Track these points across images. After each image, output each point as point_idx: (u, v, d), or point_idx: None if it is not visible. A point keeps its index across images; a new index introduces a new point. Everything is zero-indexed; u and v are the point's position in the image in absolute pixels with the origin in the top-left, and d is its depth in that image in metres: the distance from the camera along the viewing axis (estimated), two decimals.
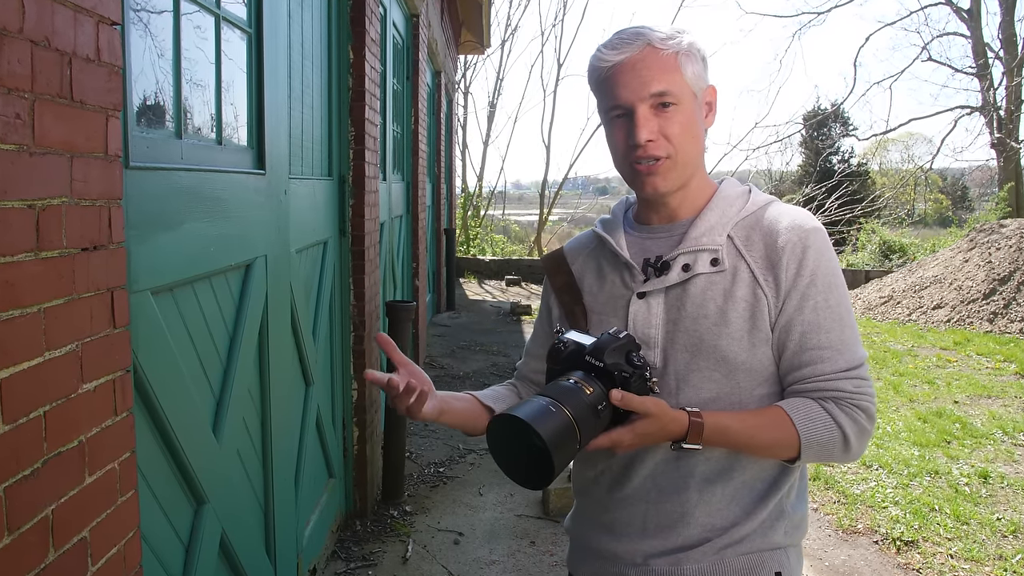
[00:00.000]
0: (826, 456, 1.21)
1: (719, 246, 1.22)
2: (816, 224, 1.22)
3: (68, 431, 1.21)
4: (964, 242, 10.44)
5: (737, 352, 1.19)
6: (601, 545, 1.30)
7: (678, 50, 1.20)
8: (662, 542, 1.24)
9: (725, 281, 1.21)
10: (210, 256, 1.95)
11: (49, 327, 1.16)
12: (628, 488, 1.26)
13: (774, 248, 1.20)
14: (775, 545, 1.24)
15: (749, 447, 1.19)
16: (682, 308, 1.22)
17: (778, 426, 1.17)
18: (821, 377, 1.18)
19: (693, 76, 1.21)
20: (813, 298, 1.18)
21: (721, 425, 1.15)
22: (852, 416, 1.18)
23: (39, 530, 1.14)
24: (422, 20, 6.55)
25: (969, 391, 6.23)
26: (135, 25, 1.60)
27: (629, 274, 1.28)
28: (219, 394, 2.06)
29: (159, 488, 1.70)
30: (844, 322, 1.20)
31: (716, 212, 1.25)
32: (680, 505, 1.23)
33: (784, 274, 1.18)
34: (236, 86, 2.24)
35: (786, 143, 26.28)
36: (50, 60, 1.15)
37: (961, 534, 3.63)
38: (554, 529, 3.64)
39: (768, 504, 1.24)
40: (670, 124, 1.19)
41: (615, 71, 1.20)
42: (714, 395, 1.20)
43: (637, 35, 1.20)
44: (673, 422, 1.13)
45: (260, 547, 2.36)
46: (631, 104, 1.19)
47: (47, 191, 1.15)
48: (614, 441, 1.11)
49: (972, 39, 20.03)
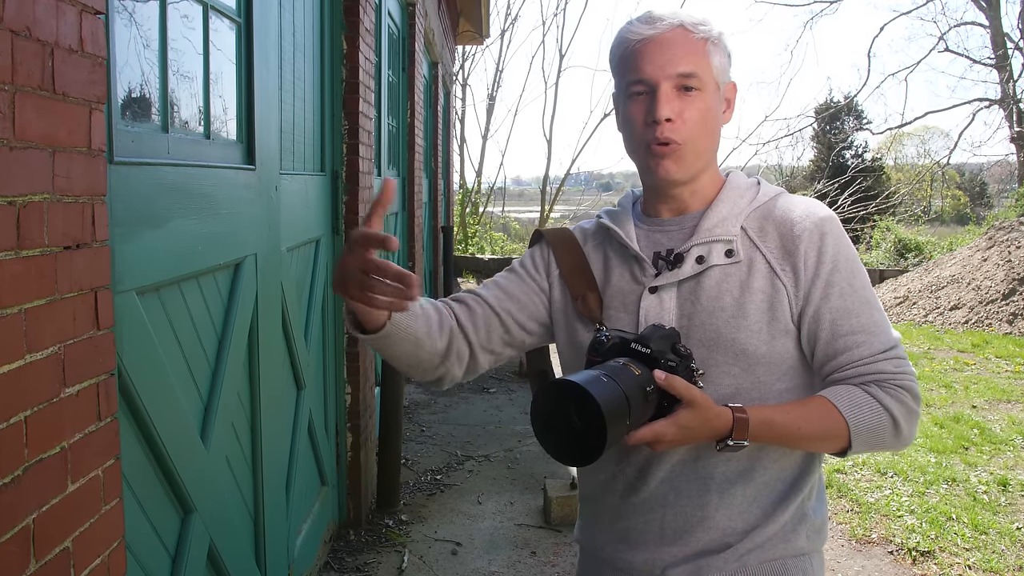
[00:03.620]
0: (878, 443, 1.19)
1: (734, 236, 1.22)
2: (830, 212, 1.24)
3: (50, 437, 1.21)
4: (982, 240, 10.44)
5: (757, 345, 1.19)
6: (616, 555, 1.29)
7: (708, 37, 1.22)
8: (681, 549, 1.23)
9: (741, 272, 1.21)
10: (198, 255, 1.95)
11: (30, 329, 1.16)
12: (644, 492, 1.25)
13: (790, 237, 1.21)
14: (798, 551, 1.24)
15: (796, 440, 1.18)
16: (696, 302, 1.22)
17: (824, 415, 1.16)
18: (860, 362, 1.18)
19: (719, 67, 1.23)
20: (838, 284, 1.19)
21: (766, 419, 1.14)
22: (898, 397, 1.17)
23: (20, 540, 1.14)
24: (418, 9, 6.55)
25: (988, 395, 6.23)
26: (119, 14, 1.60)
27: (639, 267, 1.27)
28: (207, 398, 2.06)
29: (145, 496, 1.70)
30: (872, 305, 1.21)
31: (727, 203, 1.26)
32: (700, 508, 1.22)
33: (803, 263, 1.19)
34: (225, 78, 2.24)
35: (797, 137, 26.28)
36: (31, 51, 1.15)
37: (979, 544, 3.63)
38: (556, 539, 3.64)
39: (790, 506, 1.23)
40: (691, 109, 1.20)
41: (643, 45, 1.20)
42: (733, 390, 1.20)
43: (671, 14, 1.22)
44: (717, 417, 1.12)
45: (250, 557, 2.36)
46: (656, 80, 1.19)
47: (28, 187, 1.15)
48: (656, 434, 1.09)
49: (991, 29, 20.05)
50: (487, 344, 1.33)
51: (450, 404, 5.90)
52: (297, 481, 2.93)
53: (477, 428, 5.31)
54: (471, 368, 1.33)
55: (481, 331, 1.32)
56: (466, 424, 5.41)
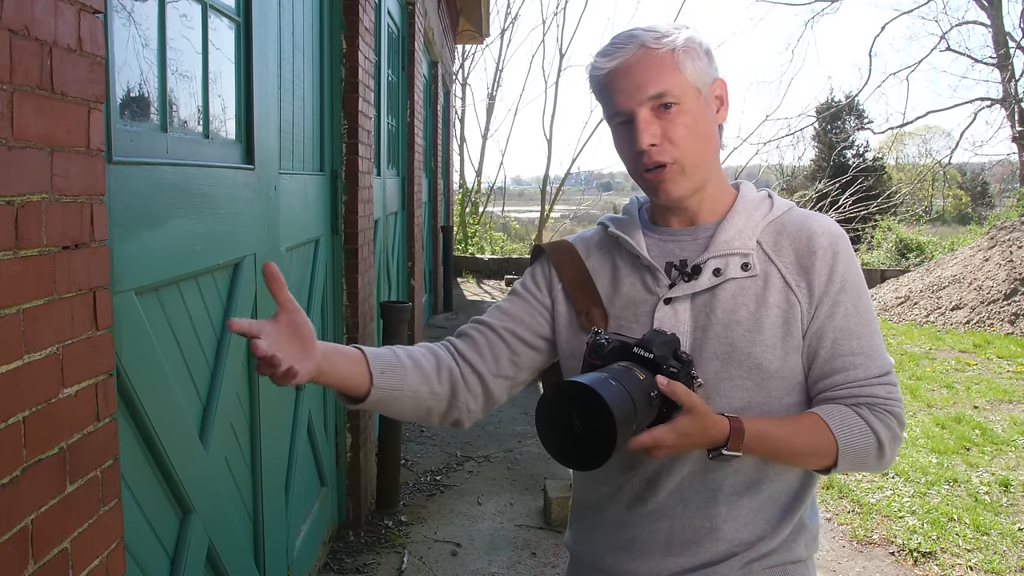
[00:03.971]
0: (860, 464, 1.22)
1: (751, 250, 1.22)
2: (842, 230, 1.26)
3: (49, 437, 1.21)
4: (984, 240, 10.44)
5: (771, 360, 1.19)
6: (617, 565, 1.29)
7: (674, 48, 1.20)
8: (688, 559, 1.23)
9: (757, 286, 1.21)
10: (197, 255, 1.95)
11: (29, 329, 1.16)
12: (652, 503, 1.25)
13: (806, 253, 1.21)
14: (798, 558, 1.26)
15: (787, 454, 1.19)
16: (711, 314, 1.21)
17: (815, 432, 1.18)
18: (854, 383, 1.20)
19: (695, 72, 1.21)
20: (844, 304, 1.20)
21: (761, 431, 1.15)
22: (886, 422, 1.20)
23: (18, 541, 1.14)
24: (418, 8, 6.55)
25: (989, 396, 6.23)
26: (118, 13, 1.60)
27: (652, 277, 1.26)
28: (206, 399, 2.07)
29: (143, 497, 1.70)
30: (873, 328, 1.22)
31: (743, 216, 1.26)
32: (708, 520, 1.23)
33: (817, 279, 1.20)
34: (224, 77, 2.24)
35: (798, 136, 26.22)
36: (30, 50, 1.15)
37: (981, 545, 3.63)
38: (556, 540, 3.64)
39: (792, 518, 1.25)
40: (673, 126, 1.19)
41: (611, 78, 1.20)
42: (745, 404, 1.20)
43: (629, 38, 1.20)
44: (715, 426, 1.12)
45: (249, 558, 2.36)
46: (630, 110, 1.19)
47: (26, 187, 1.15)
48: (656, 440, 1.09)
49: (992, 28, 20.05)
50: (497, 370, 1.32)
51: None
52: (296, 482, 2.93)
53: (477, 428, 5.31)
54: (488, 400, 1.33)
55: (488, 359, 1.32)
56: None
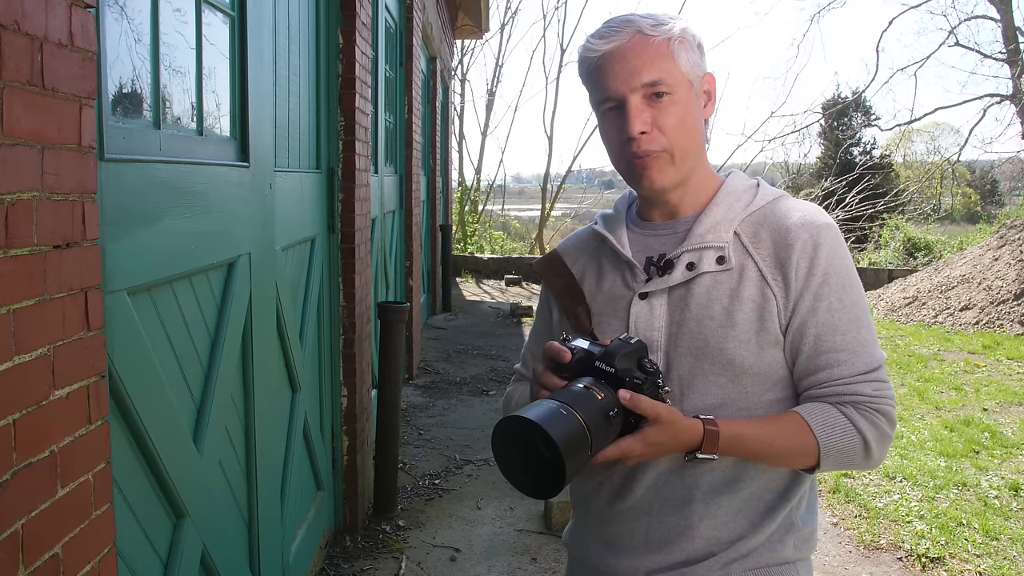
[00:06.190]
0: (847, 464, 1.22)
1: (725, 243, 1.22)
2: (828, 220, 1.23)
3: (39, 440, 1.21)
4: (994, 239, 10.43)
5: (744, 356, 1.19)
6: (600, 560, 1.31)
7: (670, 36, 1.20)
8: (665, 557, 1.24)
9: (731, 280, 1.21)
10: (190, 254, 1.95)
11: (19, 330, 1.16)
12: (629, 500, 1.27)
13: (783, 245, 1.20)
14: (784, 560, 1.25)
15: (766, 456, 1.19)
16: (686, 309, 1.22)
17: (796, 433, 1.18)
18: (838, 381, 1.19)
19: (688, 64, 1.21)
20: (827, 298, 1.19)
21: (737, 433, 1.16)
22: (872, 421, 1.19)
23: (8, 546, 1.14)
24: (416, 3, 6.55)
25: (999, 398, 6.23)
26: (110, 8, 1.60)
27: (631, 273, 1.28)
28: (200, 401, 2.07)
29: (136, 501, 1.70)
30: (860, 323, 1.20)
31: (722, 207, 1.26)
32: (684, 518, 1.23)
33: (794, 273, 1.19)
34: (218, 73, 2.24)
35: (804, 133, 26.22)
36: (20, 45, 1.15)
37: (991, 550, 3.63)
38: (556, 545, 3.64)
39: (777, 517, 1.24)
40: (664, 115, 1.20)
41: (604, 61, 1.20)
42: (720, 401, 1.20)
43: (626, 23, 1.20)
44: (687, 431, 1.13)
45: (244, 563, 2.36)
46: (622, 95, 1.19)
47: (17, 185, 1.15)
48: (623, 451, 1.11)
49: (1002, 23, 20.03)
50: None
51: (448, 407, 5.90)
52: (292, 485, 2.93)
53: (476, 431, 5.31)
54: None
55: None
56: (465, 427, 5.41)
